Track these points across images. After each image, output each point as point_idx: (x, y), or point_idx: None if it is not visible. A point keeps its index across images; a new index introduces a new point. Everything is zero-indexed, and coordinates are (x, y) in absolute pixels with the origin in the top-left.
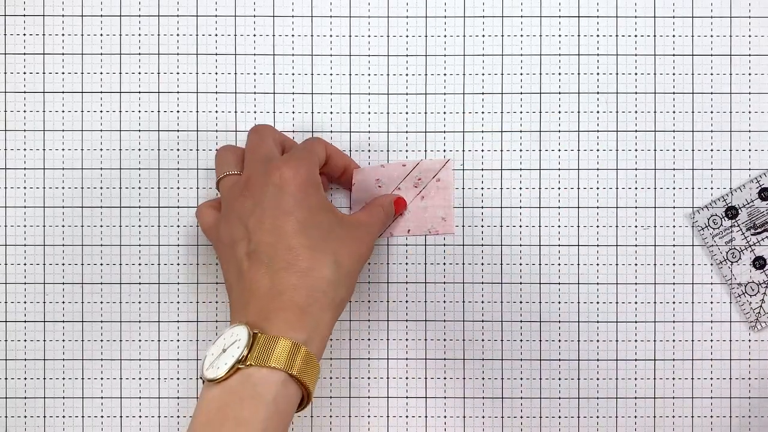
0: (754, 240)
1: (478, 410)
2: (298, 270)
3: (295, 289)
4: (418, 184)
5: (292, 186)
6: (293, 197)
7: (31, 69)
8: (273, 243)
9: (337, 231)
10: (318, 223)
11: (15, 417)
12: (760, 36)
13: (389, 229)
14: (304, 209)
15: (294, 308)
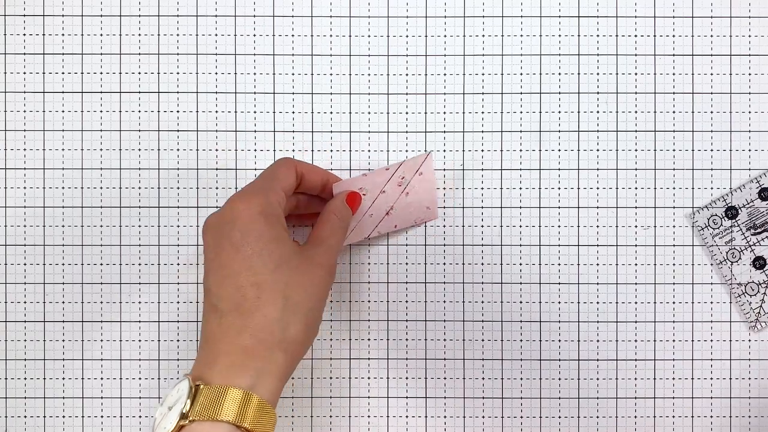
0: (754, 240)
1: (478, 410)
2: (244, 310)
3: (239, 332)
4: (401, 183)
5: (242, 219)
6: (241, 231)
7: (31, 69)
8: (222, 283)
9: (290, 262)
10: (268, 256)
11: (15, 417)
12: (760, 36)
13: (377, 228)
14: (253, 243)
15: (238, 352)
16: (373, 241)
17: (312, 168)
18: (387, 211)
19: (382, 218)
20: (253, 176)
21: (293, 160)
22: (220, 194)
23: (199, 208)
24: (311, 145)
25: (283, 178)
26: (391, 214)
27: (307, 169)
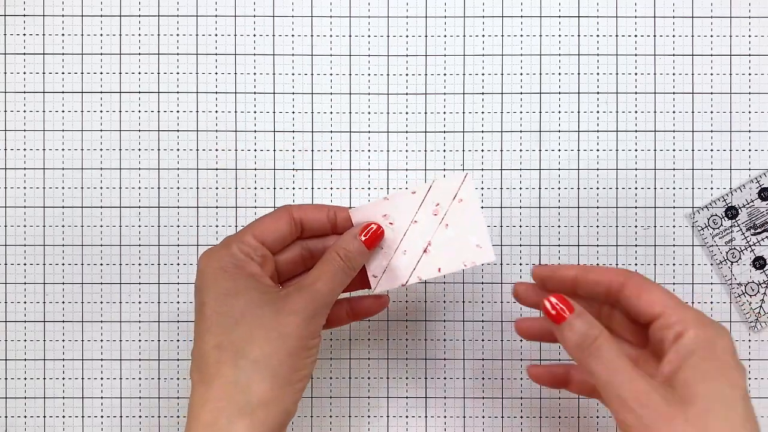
0: (754, 240)
1: (478, 410)
2: (207, 378)
3: (202, 405)
4: (437, 211)
5: (203, 277)
6: (202, 291)
7: (31, 69)
8: (193, 351)
9: (254, 313)
10: (227, 313)
11: (15, 417)
12: (760, 36)
13: (415, 272)
14: (212, 301)
15: (198, 427)
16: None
17: (313, 207)
18: (424, 248)
19: (420, 257)
20: (253, 176)
21: (288, 206)
22: (220, 194)
23: (199, 208)
24: (311, 145)
25: (261, 225)
26: (429, 251)
27: (307, 210)
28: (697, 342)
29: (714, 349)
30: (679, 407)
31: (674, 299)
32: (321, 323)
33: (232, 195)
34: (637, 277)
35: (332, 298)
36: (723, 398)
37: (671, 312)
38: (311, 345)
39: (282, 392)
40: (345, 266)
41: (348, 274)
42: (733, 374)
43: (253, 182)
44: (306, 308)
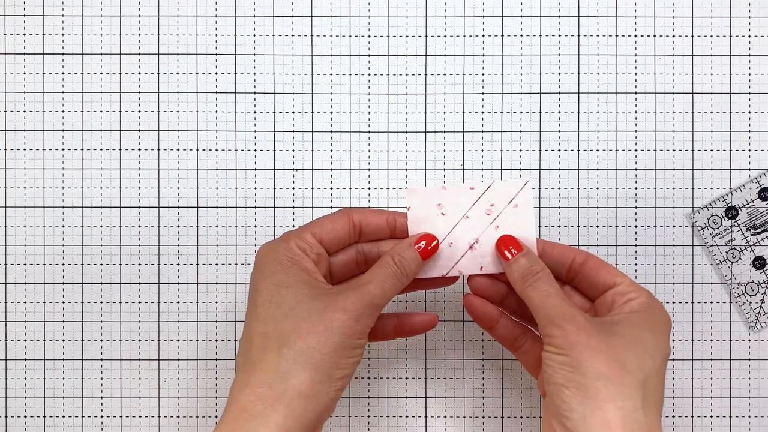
0: (754, 240)
1: (478, 410)
2: (250, 364)
3: (242, 389)
4: (491, 212)
5: (260, 268)
6: (257, 280)
7: (31, 69)
8: (243, 337)
9: (303, 306)
10: (277, 304)
11: (15, 417)
12: (760, 36)
13: (457, 266)
14: (264, 291)
15: (237, 411)
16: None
17: (372, 212)
18: (471, 244)
19: (464, 253)
20: (253, 176)
21: (348, 209)
22: (220, 194)
23: (199, 208)
24: (311, 145)
25: (320, 224)
26: (475, 248)
27: (366, 214)
28: (643, 306)
29: (654, 316)
30: (602, 330)
31: (630, 279)
32: (369, 325)
33: (232, 195)
34: (597, 257)
35: (382, 300)
36: (644, 343)
37: (629, 284)
38: (356, 345)
39: (321, 387)
40: (399, 272)
41: (401, 281)
42: (662, 337)
43: (253, 182)
44: (355, 307)
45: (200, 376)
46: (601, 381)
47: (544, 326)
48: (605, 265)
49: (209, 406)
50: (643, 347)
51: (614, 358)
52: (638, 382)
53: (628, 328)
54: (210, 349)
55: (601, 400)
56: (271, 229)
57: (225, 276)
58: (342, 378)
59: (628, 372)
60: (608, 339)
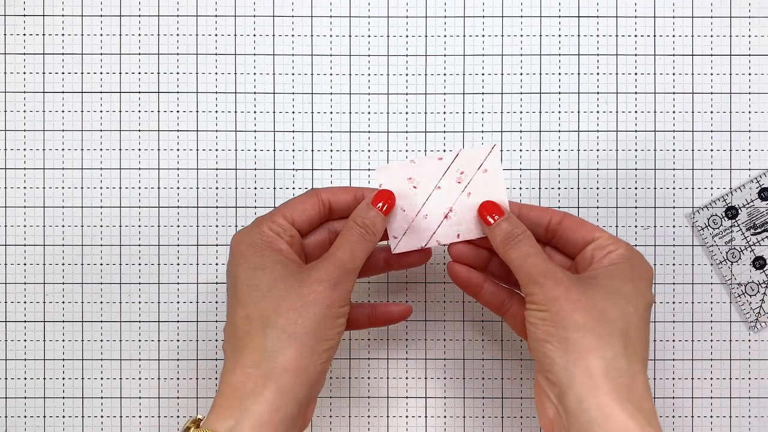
0: (754, 240)
1: (478, 410)
2: (237, 347)
3: (232, 371)
4: (461, 179)
5: (234, 255)
6: (233, 267)
7: (31, 69)
8: (226, 324)
9: (280, 285)
10: (255, 286)
11: (15, 417)
12: (760, 36)
13: (435, 236)
14: (242, 276)
15: (228, 391)
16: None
17: (339, 189)
18: (445, 213)
19: (440, 222)
20: (253, 176)
21: (316, 189)
22: (220, 194)
23: (199, 208)
24: (311, 145)
25: (290, 206)
26: (450, 217)
27: (335, 192)
28: (622, 258)
29: (634, 266)
30: (581, 284)
31: (608, 233)
32: (347, 290)
33: (232, 195)
34: (574, 215)
35: (354, 264)
36: (624, 294)
37: (607, 238)
38: (337, 314)
39: (308, 361)
40: (364, 232)
41: (368, 240)
42: (643, 287)
43: (253, 182)
44: (329, 276)
45: (200, 376)
46: (581, 332)
47: (525, 285)
48: (582, 222)
49: (209, 406)
50: (623, 298)
51: (594, 309)
52: (619, 332)
53: (608, 280)
54: (210, 349)
55: (582, 351)
56: None
57: (225, 276)
58: (327, 350)
59: (609, 322)
60: (587, 291)
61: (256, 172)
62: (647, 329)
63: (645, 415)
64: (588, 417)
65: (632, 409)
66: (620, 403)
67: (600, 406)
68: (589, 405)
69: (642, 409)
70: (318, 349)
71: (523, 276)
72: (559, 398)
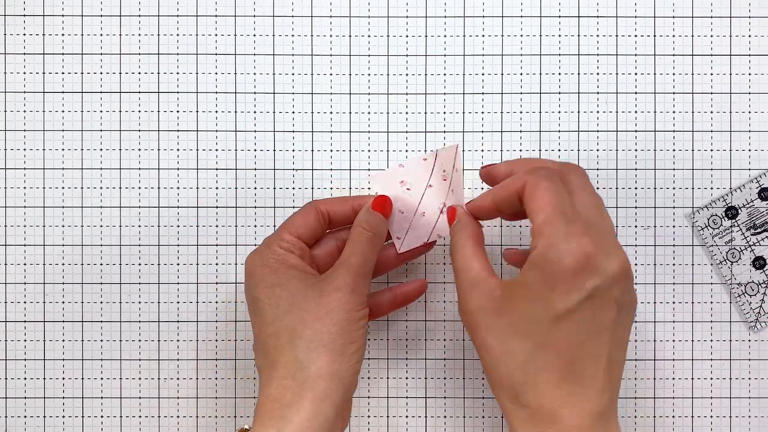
0: (754, 240)
1: (478, 410)
2: (270, 362)
3: (268, 383)
4: (446, 177)
5: (251, 277)
6: (252, 288)
7: (31, 69)
8: (254, 341)
9: (300, 298)
10: (276, 304)
11: (15, 417)
12: (760, 36)
13: (435, 230)
14: (262, 296)
15: (268, 403)
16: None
17: (337, 200)
18: (440, 208)
19: (438, 217)
20: (253, 176)
21: (314, 201)
22: (220, 194)
23: (199, 208)
24: (311, 145)
25: (293, 222)
26: (445, 211)
27: (331, 203)
28: (536, 259)
29: (545, 271)
30: (497, 310)
31: (554, 207)
32: (364, 293)
33: (232, 195)
34: (534, 178)
35: (368, 268)
36: (530, 317)
37: (540, 222)
38: (359, 317)
39: (339, 364)
40: (371, 235)
41: (376, 242)
42: (553, 297)
43: (253, 182)
44: (346, 283)
45: (200, 376)
46: (493, 364)
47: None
48: (534, 192)
49: (209, 406)
50: (529, 322)
51: (502, 339)
52: (518, 364)
53: (517, 301)
54: (210, 349)
55: (494, 386)
56: (271, 229)
57: (225, 276)
58: (356, 351)
59: (509, 356)
60: (501, 317)
61: (256, 172)
62: (563, 344)
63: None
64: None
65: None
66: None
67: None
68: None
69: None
70: (347, 352)
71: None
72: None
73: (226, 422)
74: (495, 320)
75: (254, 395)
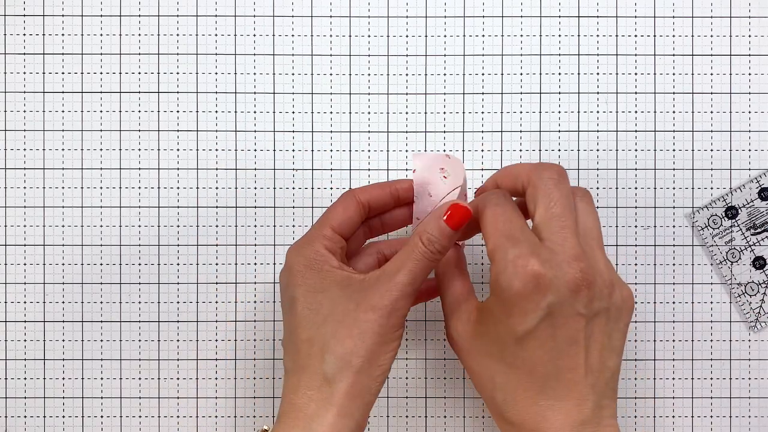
0: (754, 240)
1: (478, 410)
2: (299, 367)
3: (295, 389)
4: (466, 191)
5: (293, 275)
6: (293, 287)
7: (31, 69)
8: (286, 340)
9: (338, 309)
10: (316, 310)
11: (15, 417)
12: (760, 36)
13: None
14: (302, 298)
15: (292, 410)
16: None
17: (375, 187)
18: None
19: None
20: (253, 176)
21: (352, 191)
22: (220, 194)
23: (199, 208)
24: (311, 145)
25: (336, 216)
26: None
27: (370, 191)
28: (492, 284)
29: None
30: (471, 335)
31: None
32: (403, 315)
33: (232, 195)
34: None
35: (414, 288)
36: (490, 350)
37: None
38: (392, 338)
39: (363, 386)
40: (428, 251)
41: (432, 260)
42: (510, 322)
43: (253, 182)
44: (384, 304)
45: (200, 376)
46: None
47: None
48: (482, 219)
49: (209, 406)
50: (489, 356)
51: (482, 371)
52: (489, 394)
53: (489, 322)
54: (210, 349)
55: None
56: (271, 228)
57: (225, 276)
58: (382, 373)
59: (482, 386)
60: (474, 345)
61: (256, 172)
62: (524, 366)
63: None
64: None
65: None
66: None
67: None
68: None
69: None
70: (373, 374)
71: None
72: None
73: (226, 422)
74: (473, 344)
75: (254, 395)
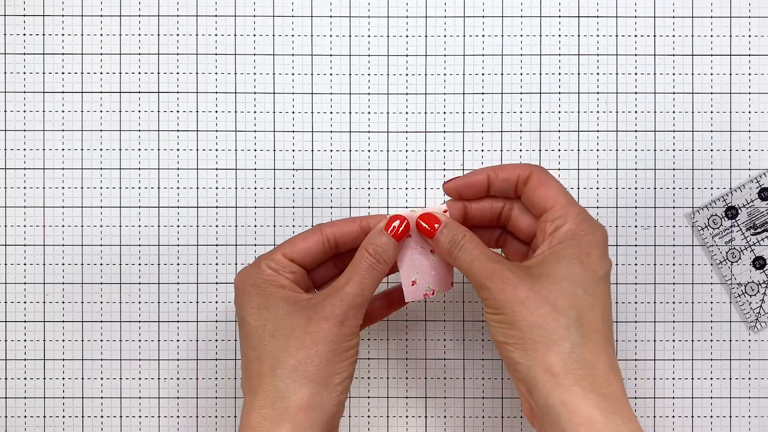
0: (754, 240)
1: (478, 410)
2: (252, 388)
3: (249, 412)
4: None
5: (239, 297)
6: (240, 309)
7: (31, 69)
8: (242, 364)
9: (286, 324)
10: (263, 327)
11: (15, 417)
12: (760, 36)
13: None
14: (249, 317)
15: (246, 430)
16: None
17: (345, 222)
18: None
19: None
20: (253, 176)
21: (320, 225)
22: (220, 194)
23: (199, 208)
24: (311, 145)
25: (291, 244)
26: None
27: (338, 226)
28: (568, 234)
29: (580, 242)
30: (527, 279)
31: (566, 196)
32: (356, 324)
33: (232, 195)
34: (540, 171)
35: (363, 299)
36: (571, 277)
37: (559, 207)
38: (347, 347)
39: (321, 396)
40: (375, 262)
41: (379, 270)
42: (591, 261)
43: (253, 182)
44: (335, 313)
45: (200, 376)
46: (535, 330)
47: (477, 290)
48: (544, 184)
49: (209, 406)
50: (571, 282)
51: (544, 304)
52: (572, 320)
53: (554, 265)
54: (210, 349)
55: (539, 350)
56: (271, 228)
57: (225, 276)
58: (341, 382)
59: (560, 313)
60: (534, 286)
61: (256, 172)
62: (604, 304)
63: (609, 401)
64: (555, 412)
65: (596, 398)
66: (584, 396)
67: (564, 402)
68: (554, 401)
69: (606, 395)
70: (331, 383)
71: (473, 281)
72: (529, 393)
73: (226, 422)
74: (530, 293)
75: None
